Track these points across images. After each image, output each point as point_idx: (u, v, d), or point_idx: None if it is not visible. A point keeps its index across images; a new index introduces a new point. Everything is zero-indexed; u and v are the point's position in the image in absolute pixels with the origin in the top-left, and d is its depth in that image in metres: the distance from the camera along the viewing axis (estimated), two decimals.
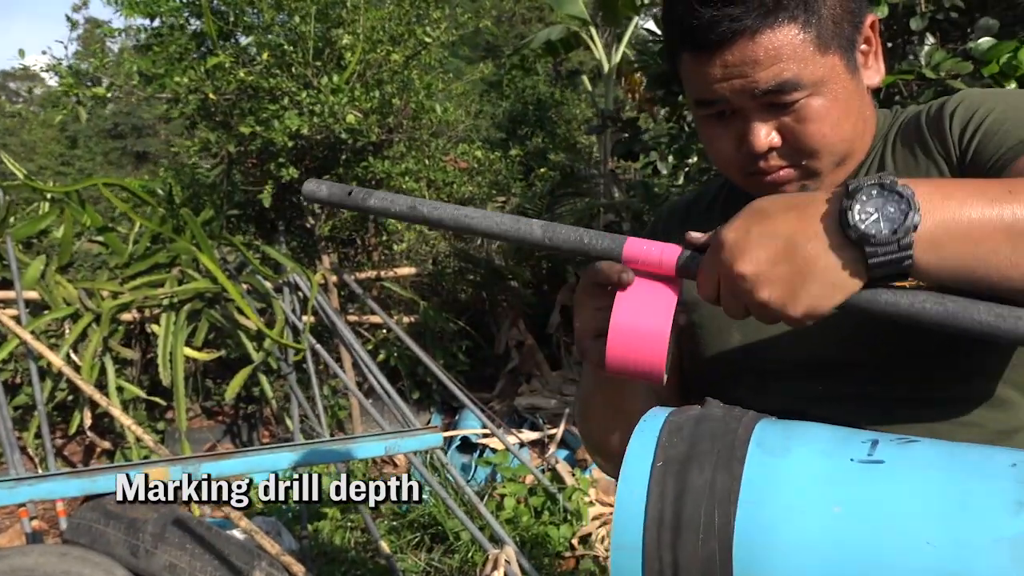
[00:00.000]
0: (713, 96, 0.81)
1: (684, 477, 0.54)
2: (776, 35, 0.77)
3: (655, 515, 0.53)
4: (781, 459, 0.54)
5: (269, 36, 4.43)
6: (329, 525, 3.44)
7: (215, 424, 5.19)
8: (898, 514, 0.48)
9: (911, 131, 0.86)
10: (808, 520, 0.50)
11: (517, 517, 3.37)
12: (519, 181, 6.22)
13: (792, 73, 0.77)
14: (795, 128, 0.80)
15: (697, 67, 0.81)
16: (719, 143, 0.85)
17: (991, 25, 2.68)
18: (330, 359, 4.14)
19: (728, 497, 0.52)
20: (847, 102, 0.81)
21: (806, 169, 0.84)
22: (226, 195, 4.78)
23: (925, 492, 0.49)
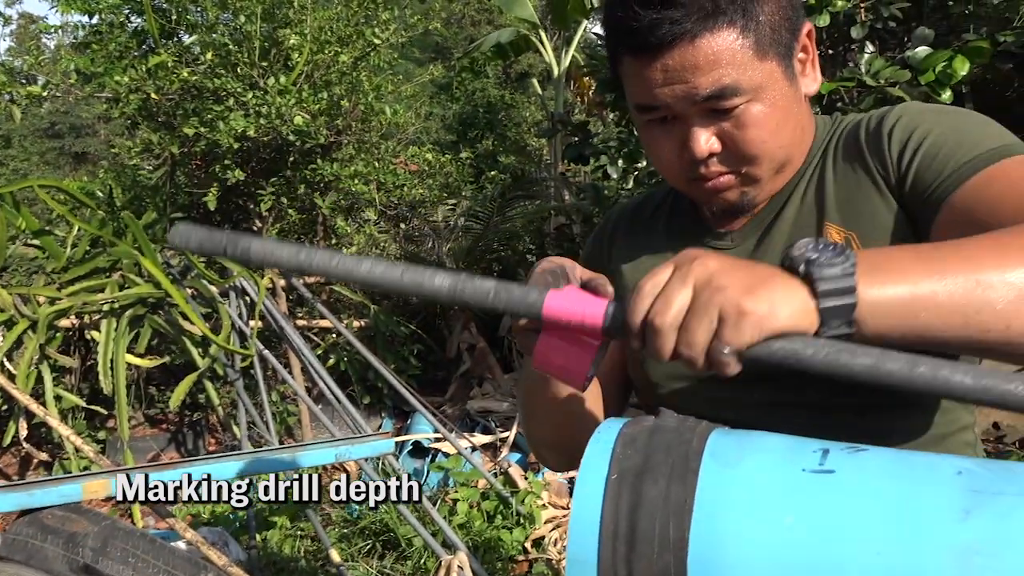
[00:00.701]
0: (654, 101, 0.81)
1: (639, 489, 0.54)
2: (715, 40, 0.77)
3: (610, 529, 0.53)
4: (734, 470, 0.54)
5: (214, 35, 4.34)
6: (278, 534, 3.38)
7: (159, 432, 5.06)
8: (849, 524, 0.49)
9: (851, 144, 0.86)
10: (761, 531, 0.50)
11: (470, 522, 3.36)
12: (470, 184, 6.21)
13: (731, 79, 0.78)
14: (735, 134, 0.81)
15: (637, 71, 0.81)
16: (660, 149, 0.86)
17: (927, 35, 2.77)
18: (278, 364, 4.07)
19: (683, 509, 0.52)
20: (785, 109, 0.82)
21: (746, 176, 0.85)
22: (169, 197, 4.66)
23: (874, 502, 0.49)
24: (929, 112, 0.82)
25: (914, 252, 0.62)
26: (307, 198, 4.47)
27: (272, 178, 4.45)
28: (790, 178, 0.89)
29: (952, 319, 0.58)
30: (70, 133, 17.88)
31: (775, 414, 0.81)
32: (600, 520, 0.53)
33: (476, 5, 13.38)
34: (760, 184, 0.86)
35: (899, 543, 0.47)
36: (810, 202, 0.86)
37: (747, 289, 0.57)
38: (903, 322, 0.58)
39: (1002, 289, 0.58)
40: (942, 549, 0.46)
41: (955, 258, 0.60)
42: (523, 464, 4.18)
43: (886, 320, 0.58)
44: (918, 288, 0.58)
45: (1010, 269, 0.58)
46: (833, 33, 3.03)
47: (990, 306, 0.58)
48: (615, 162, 3.33)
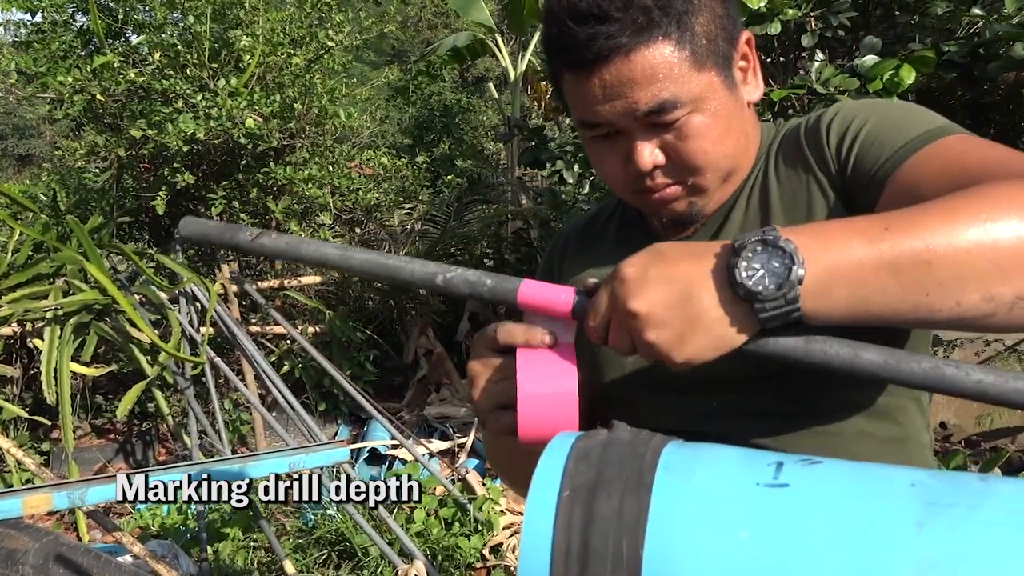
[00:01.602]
0: (595, 118, 0.82)
1: (592, 506, 0.53)
2: (651, 53, 0.77)
3: (562, 547, 0.52)
4: (688, 483, 0.53)
5: (162, 36, 4.24)
6: (231, 546, 3.30)
7: (106, 443, 4.92)
8: (804, 539, 0.48)
9: (791, 146, 0.87)
10: (715, 547, 0.49)
11: (427, 530, 3.33)
12: (426, 188, 6.18)
13: (670, 92, 0.78)
14: (678, 146, 0.81)
15: (576, 87, 0.81)
16: (606, 163, 0.86)
17: (874, 43, 2.83)
18: (230, 372, 3.99)
19: (636, 526, 0.51)
20: (727, 118, 0.82)
21: (692, 186, 0.85)
22: (116, 201, 4.53)
23: (829, 516, 0.49)
24: (866, 105, 0.83)
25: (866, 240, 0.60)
26: (259, 202, 4.39)
27: (223, 182, 4.36)
28: (737, 185, 0.90)
29: (902, 306, 0.59)
30: (13, 134, 17.36)
31: (720, 421, 0.82)
32: (552, 538, 0.52)
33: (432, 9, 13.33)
34: (707, 193, 0.86)
35: (854, 558, 0.47)
36: (755, 207, 0.87)
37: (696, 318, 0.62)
38: (850, 314, 0.60)
39: (948, 270, 0.58)
40: (898, 562, 0.46)
41: (900, 236, 0.59)
42: (481, 470, 4.16)
43: (833, 313, 0.61)
44: (865, 288, 0.59)
45: (953, 247, 0.58)
46: (784, 41, 3.08)
47: (938, 287, 0.58)
48: (571, 167, 3.34)
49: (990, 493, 0.48)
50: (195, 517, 3.43)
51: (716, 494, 0.52)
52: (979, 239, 0.58)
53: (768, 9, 2.72)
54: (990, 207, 0.59)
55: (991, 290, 0.58)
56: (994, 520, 0.46)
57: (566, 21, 0.78)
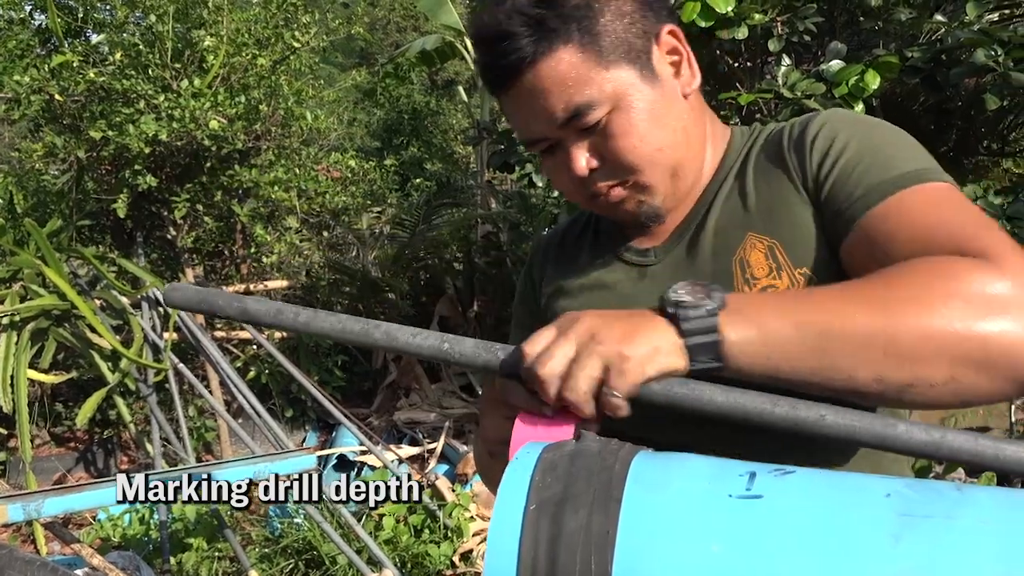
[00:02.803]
0: (528, 134, 0.84)
1: (559, 520, 0.51)
2: (556, 61, 0.78)
3: (528, 563, 0.50)
4: (659, 495, 0.51)
5: (124, 35, 4.15)
6: (195, 556, 3.23)
7: (66, 452, 4.80)
8: (778, 552, 0.46)
9: (774, 150, 0.86)
10: (687, 562, 0.48)
11: (396, 537, 3.28)
12: (395, 191, 6.13)
13: (583, 96, 0.79)
14: (606, 146, 0.81)
15: (506, 107, 0.85)
16: (555, 176, 0.87)
17: (840, 49, 2.86)
18: (194, 378, 3.91)
19: (605, 541, 0.49)
20: (651, 111, 0.82)
21: (635, 185, 0.85)
22: (76, 204, 4.43)
23: (803, 528, 0.47)
24: (852, 122, 0.82)
25: (778, 301, 0.65)
26: (224, 205, 4.31)
27: (187, 184, 4.27)
28: (706, 185, 0.89)
29: (801, 365, 0.62)
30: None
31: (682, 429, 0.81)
32: (518, 554, 0.50)
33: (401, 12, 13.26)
34: (654, 190, 0.85)
35: (830, 573, 0.45)
36: (732, 211, 0.86)
37: (624, 336, 0.63)
38: (760, 363, 0.63)
39: (844, 342, 0.61)
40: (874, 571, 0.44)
41: (812, 308, 0.63)
42: (451, 476, 4.12)
43: (745, 360, 0.63)
44: (770, 335, 0.62)
45: (853, 324, 0.61)
46: (751, 46, 3.10)
47: (834, 356, 0.61)
48: (540, 171, 3.33)
49: (966, 503, 0.47)
50: (157, 527, 3.35)
51: (687, 507, 0.50)
52: (882, 329, 0.60)
53: (735, 14, 2.73)
54: (903, 300, 0.61)
55: (882, 374, 0.61)
56: (970, 530, 0.45)
57: (479, 47, 0.82)
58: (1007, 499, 0.48)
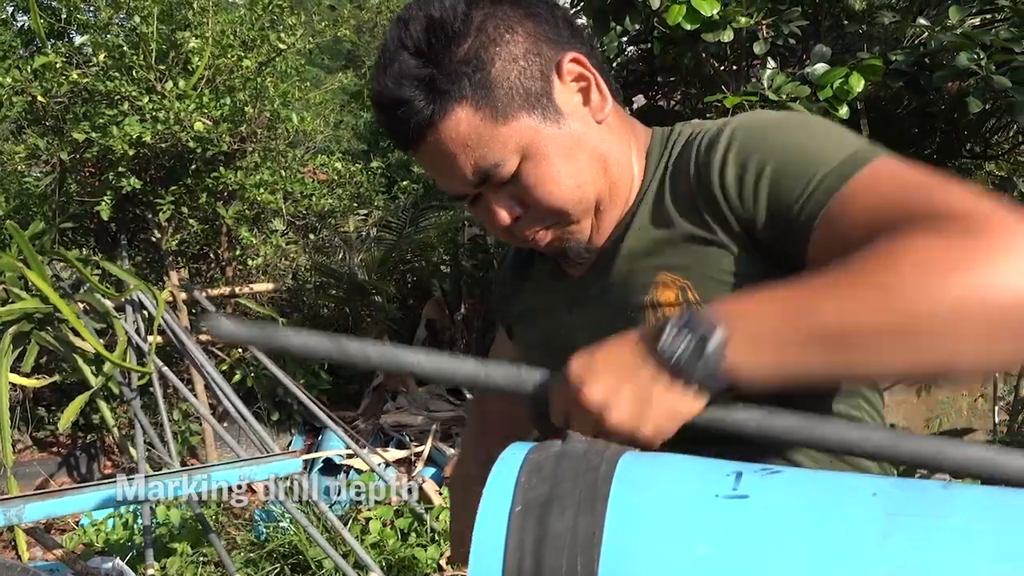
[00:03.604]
0: (447, 190, 0.84)
1: (545, 522, 0.50)
2: (453, 123, 0.77)
3: (514, 565, 0.49)
4: (645, 495, 0.51)
5: (107, 36, 4.11)
6: (179, 561, 3.20)
7: (48, 457, 4.75)
8: (765, 554, 0.46)
9: (680, 175, 0.82)
10: (673, 563, 0.47)
11: (383, 541, 3.27)
12: (381, 194, 6.11)
13: (489, 157, 0.77)
14: (524, 197, 0.81)
15: (418, 163, 0.89)
16: (485, 223, 0.86)
17: (824, 52, 2.87)
18: (178, 382, 3.88)
19: (591, 542, 0.49)
20: (562, 153, 0.79)
21: (558, 226, 0.84)
22: (59, 206, 4.38)
23: (790, 529, 0.47)
24: (760, 133, 0.76)
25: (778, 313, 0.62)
26: (209, 208, 4.28)
27: (172, 187, 4.24)
28: (633, 201, 0.86)
29: (817, 372, 0.61)
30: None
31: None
32: (504, 555, 0.50)
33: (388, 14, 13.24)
34: (580, 226, 0.85)
35: (817, 572, 0.45)
36: (644, 240, 0.83)
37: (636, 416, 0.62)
38: (777, 381, 0.61)
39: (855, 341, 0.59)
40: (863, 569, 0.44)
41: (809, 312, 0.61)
42: (438, 479, 4.11)
43: (760, 384, 0.62)
44: (779, 357, 0.61)
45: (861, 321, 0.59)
46: (736, 49, 3.11)
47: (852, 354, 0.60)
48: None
49: (952, 501, 0.47)
50: (141, 532, 3.32)
51: (673, 507, 0.50)
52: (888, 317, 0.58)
53: (720, 17, 2.74)
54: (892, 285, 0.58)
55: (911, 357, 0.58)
56: (957, 529, 0.45)
57: (378, 113, 0.82)
58: (992, 497, 0.48)
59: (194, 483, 2.61)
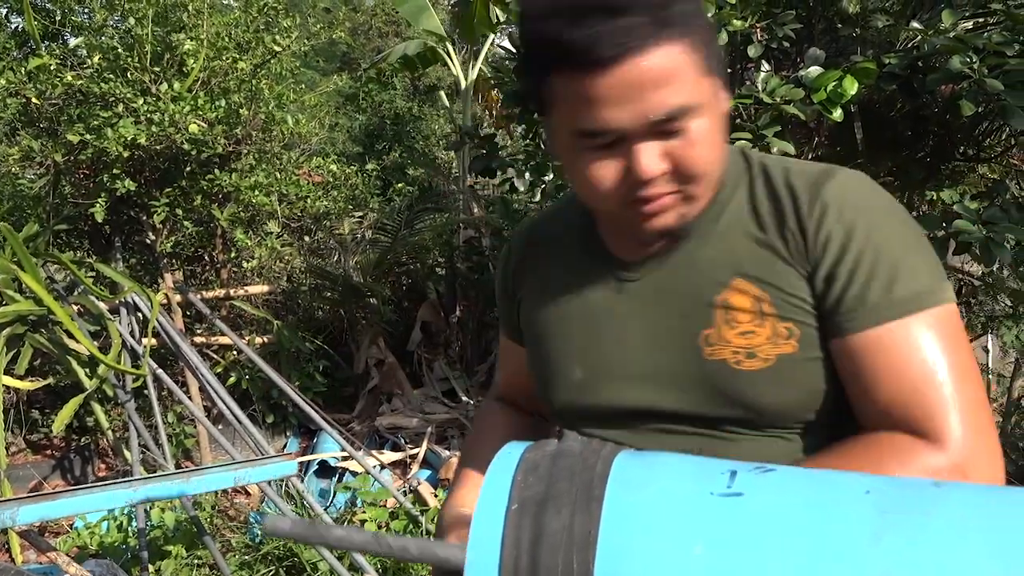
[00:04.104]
0: (599, 125, 0.74)
1: (541, 521, 0.50)
2: (665, 55, 0.71)
3: (510, 564, 0.49)
4: (641, 494, 0.51)
5: (102, 38, 4.11)
6: (174, 564, 3.19)
7: (42, 459, 4.74)
8: (760, 552, 0.46)
9: (782, 210, 0.83)
10: (669, 562, 0.47)
11: None
12: (377, 196, 6.11)
13: (683, 97, 0.73)
14: (682, 153, 0.76)
15: (577, 91, 0.73)
16: (599, 173, 0.77)
17: (818, 55, 2.88)
18: (173, 384, 3.87)
19: (587, 542, 0.49)
20: (721, 125, 0.80)
21: (686, 195, 0.80)
22: (53, 208, 4.38)
23: (785, 527, 0.47)
24: (867, 211, 0.80)
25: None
26: (204, 210, 4.28)
27: (167, 188, 4.24)
28: (712, 201, 0.86)
29: None
30: None
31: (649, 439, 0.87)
32: (500, 554, 0.50)
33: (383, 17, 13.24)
34: (697, 203, 0.82)
35: (812, 570, 0.45)
36: (726, 250, 0.84)
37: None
38: None
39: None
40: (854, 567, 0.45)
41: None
42: (433, 481, 4.11)
43: None
44: None
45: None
46: (731, 52, 3.12)
47: None
48: (522, 175, 3.33)
49: (945, 499, 0.48)
50: (135, 535, 3.31)
51: (669, 506, 0.50)
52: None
53: (715, 20, 2.75)
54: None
55: None
56: (950, 527, 0.46)
57: (566, 17, 0.70)
58: (985, 495, 0.48)
59: (189, 485, 2.61)
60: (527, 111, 3.24)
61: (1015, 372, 4.00)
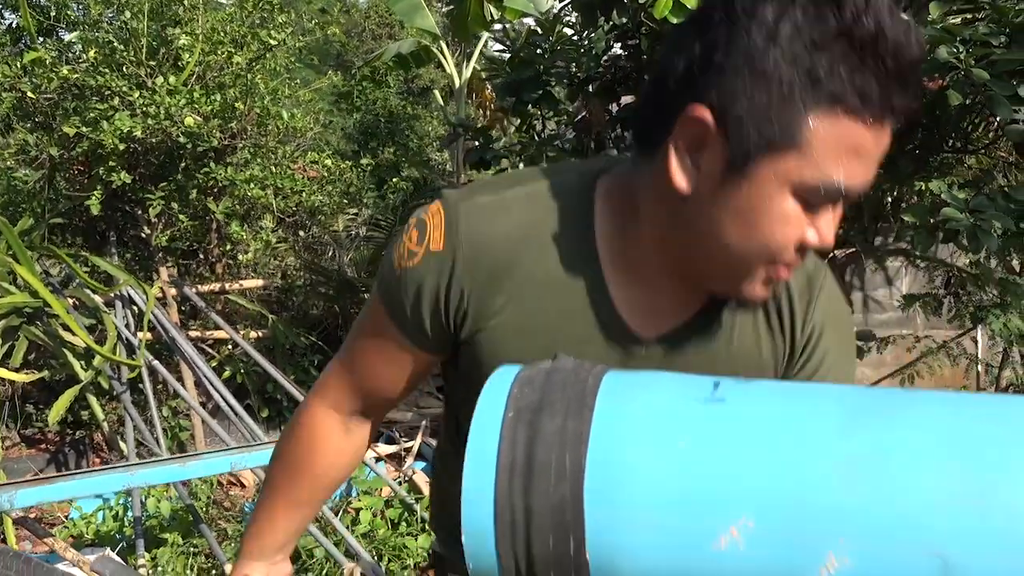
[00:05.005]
0: (843, 181, 0.66)
1: (536, 424, 0.54)
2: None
3: (507, 463, 0.53)
4: (629, 403, 0.54)
5: (97, 33, 4.13)
6: (169, 551, 3.21)
7: (37, 453, 4.74)
8: (740, 444, 0.50)
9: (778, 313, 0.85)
10: (656, 456, 0.51)
11: (373, 530, 3.29)
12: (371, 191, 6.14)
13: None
14: (830, 228, 0.72)
15: (845, 140, 0.65)
16: (787, 229, 0.69)
17: None
18: (168, 375, 3.89)
19: (579, 441, 0.52)
20: None
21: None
22: (48, 203, 4.39)
23: (763, 424, 0.51)
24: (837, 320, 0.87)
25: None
26: (199, 203, 4.30)
27: (162, 183, 4.26)
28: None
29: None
30: None
31: None
32: (497, 454, 0.53)
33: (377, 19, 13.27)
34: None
35: (785, 459, 0.49)
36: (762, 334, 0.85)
37: None
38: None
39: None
40: (826, 462, 0.48)
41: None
42: (428, 472, 4.13)
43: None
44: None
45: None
46: None
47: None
48: (516, 166, 3.36)
49: (914, 401, 0.51)
50: (131, 524, 3.32)
51: (656, 410, 0.53)
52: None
53: None
54: None
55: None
56: (917, 423, 0.49)
57: (891, 60, 0.63)
58: (952, 398, 0.52)
59: (186, 470, 2.63)
60: (520, 102, 3.27)
61: (1003, 361, 4.04)
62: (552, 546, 0.51)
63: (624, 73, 3.78)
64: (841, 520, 0.46)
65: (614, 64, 3.78)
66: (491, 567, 0.53)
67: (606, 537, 0.50)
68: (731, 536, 0.48)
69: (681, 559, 0.49)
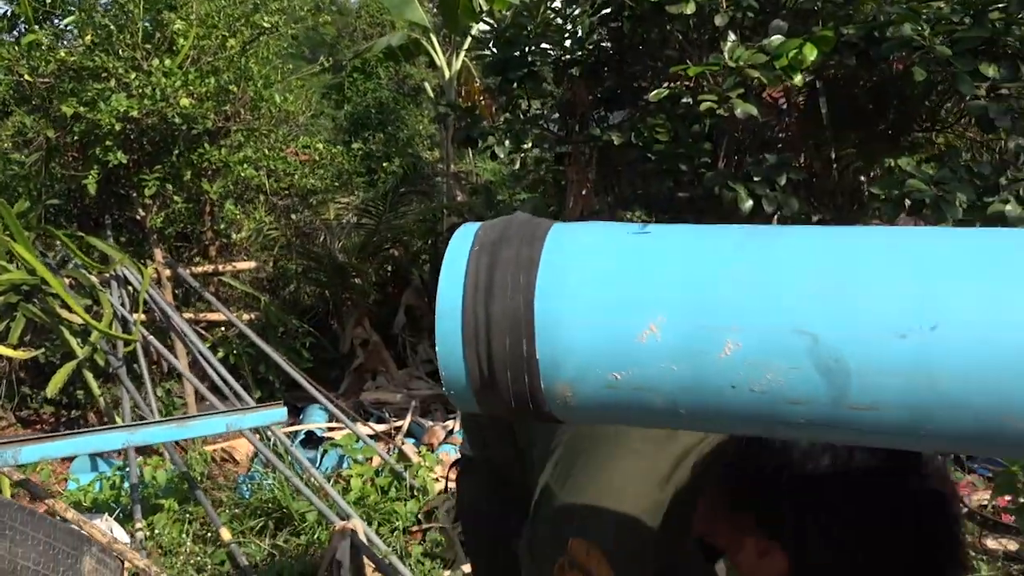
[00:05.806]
0: None
1: (496, 254, 0.65)
2: None
3: (472, 283, 0.64)
4: (572, 236, 0.66)
5: (94, 17, 4.23)
6: (165, 517, 3.30)
7: (33, 433, 4.81)
8: (656, 261, 0.61)
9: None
10: (591, 272, 0.62)
11: (364, 497, 3.39)
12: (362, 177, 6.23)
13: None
14: None
15: None
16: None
17: (782, 26, 3.05)
18: (164, 349, 3.99)
19: (531, 263, 0.64)
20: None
21: None
22: (44, 187, 4.47)
23: (676, 246, 0.63)
24: None
25: None
26: (194, 185, 4.40)
27: (157, 165, 4.35)
28: None
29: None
30: None
31: None
32: (464, 277, 0.64)
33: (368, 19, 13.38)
34: None
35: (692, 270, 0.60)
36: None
37: None
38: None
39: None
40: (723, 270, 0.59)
41: None
42: (417, 447, 4.23)
43: None
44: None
45: None
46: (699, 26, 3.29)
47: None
48: (502, 143, 3.48)
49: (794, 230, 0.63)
50: (128, 493, 3.42)
51: (594, 240, 0.65)
52: None
53: None
54: None
55: None
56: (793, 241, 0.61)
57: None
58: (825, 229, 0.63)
59: (185, 430, 2.73)
60: (507, 80, 3.39)
61: None
62: (508, 346, 0.62)
63: (607, 55, 3.91)
64: (734, 314, 0.58)
65: (598, 46, 3.91)
66: (459, 369, 0.64)
67: (551, 335, 0.61)
68: (651, 331, 0.59)
69: (612, 351, 0.60)
